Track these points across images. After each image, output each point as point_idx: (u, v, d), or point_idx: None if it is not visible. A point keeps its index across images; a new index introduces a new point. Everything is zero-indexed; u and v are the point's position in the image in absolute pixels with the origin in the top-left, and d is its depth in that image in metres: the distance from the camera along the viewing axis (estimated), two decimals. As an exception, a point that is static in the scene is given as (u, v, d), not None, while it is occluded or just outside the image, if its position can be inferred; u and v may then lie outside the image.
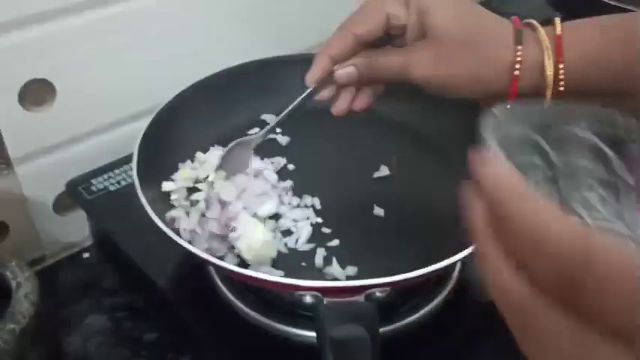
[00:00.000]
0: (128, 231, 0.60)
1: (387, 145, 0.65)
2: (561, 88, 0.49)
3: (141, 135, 0.57)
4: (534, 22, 0.51)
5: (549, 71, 0.49)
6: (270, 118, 0.66)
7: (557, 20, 0.50)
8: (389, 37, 0.53)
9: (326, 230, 0.56)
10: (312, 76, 0.53)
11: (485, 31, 0.51)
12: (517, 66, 0.49)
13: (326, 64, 0.53)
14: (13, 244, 0.66)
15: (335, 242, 0.54)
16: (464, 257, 0.47)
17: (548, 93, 0.49)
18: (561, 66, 0.49)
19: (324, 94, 0.54)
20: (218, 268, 0.52)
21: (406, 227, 0.56)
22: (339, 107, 0.55)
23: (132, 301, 0.65)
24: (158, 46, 0.68)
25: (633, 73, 0.49)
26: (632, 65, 0.49)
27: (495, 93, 0.51)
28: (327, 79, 0.53)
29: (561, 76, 0.49)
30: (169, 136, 0.61)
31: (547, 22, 0.51)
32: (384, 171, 0.62)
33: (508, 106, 0.47)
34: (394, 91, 0.67)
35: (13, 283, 0.56)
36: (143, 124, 0.58)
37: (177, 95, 0.61)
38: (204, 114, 0.64)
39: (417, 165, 0.63)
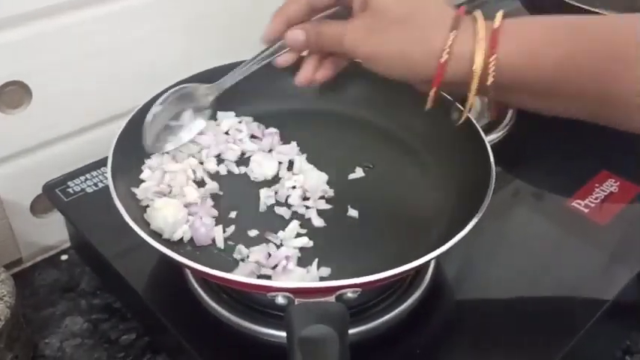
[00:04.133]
0: (105, 233, 0.60)
1: (362, 147, 0.65)
2: (489, 83, 0.49)
3: (116, 137, 0.57)
4: (479, 14, 0.50)
5: (477, 62, 0.49)
6: (248, 120, 0.66)
7: (499, 14, 0.49)
8: (345, 9, 0.55)
9: (301, 231, 0.56)
10: (266, 36, 0.57)
11: (422, 13, 0.51)
12: (445, 52, 0.49)
13: (280, 26, 0.56)
14: (-11, 246, 0.66)
15: (309, 243, 0.55)
16: (435, 257, 0.48)
17: (474, 84, 0.49)
18: (492, 58, 0.48)
19: (283, 59, 0.57)
20: (192, 270, 0.52)
21: (380, 228, 0.57)
22: (301, 76, 0.57)
23: (109, 303, 0.65)
24: (134, 49, 0.68)
25: (565, 76, 0.49)
26: (565, 68, 0.48)
27: (424, 77, 0.51)
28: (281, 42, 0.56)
29: (491, 69, 0.49)
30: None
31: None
32: (358, 173, 0.62)
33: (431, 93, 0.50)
34: (369, 94, 0.68)
35: (-12, 286, 0.56)
36: (119, 126, 0.58)
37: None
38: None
39: (391, 167, 0.63)
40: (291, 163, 0.62)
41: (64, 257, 0.70)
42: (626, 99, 0.48)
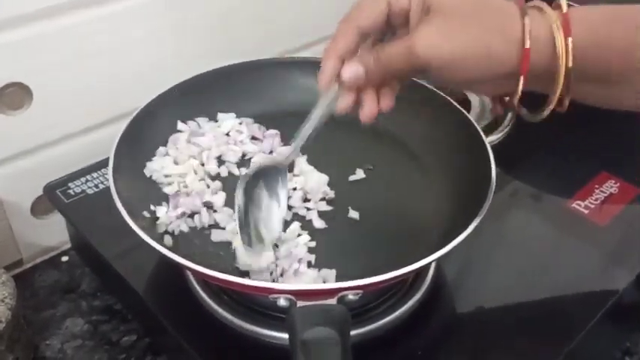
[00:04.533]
0: (106, 234, 0.60)
1: (362, 149, 0.65)
2: (570, 64, 0.48)
3: (118, 138, 0.57)
4: (538, 2, 0.50)
5: (559, 44, 0.47)
6: (248, 121, 0.66)
7: (564, 1, 0.49)
8: (392, 29, 0.51)
9: (301, 232, 0.56)
10: (324, 79, 0.50)
11: (490, 5, 0.49)
12: (527, 37, 0.47)
13: (335, 63, 0.50)
14: (-10, 247, 0.66)
15: (311, 244, 0.55)
16: (436, 259, 0.48)
17: (562, 64, 0.48)
18: (570, 39, 0.47)
19: (343, 103, 0.51)
20: (193, 271, 0.52)
21: (381, 230, 0.57)
22: (367, 112, 0.52)
23: (110, 305, 0.65)
24: (135, 49, 0.68)
25: (632, 61, 0.48)
26: (632, 52, 0.48)
27: (505, 70, 0.49)
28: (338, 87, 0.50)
29: (570, 50, 0.47)
30: (146, 139, 0.61)
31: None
32: (359, 174, 0.62)
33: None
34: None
35: (-10, 288, 0.56)
36: (120, 127, 0.58)
37: (155, 98, 0.61)
38: (182, 117, 0.65)
39: (391, 169, 0.64)
40: (291, 165, 0.62)
41: (64, 258, 0.70)
42: None
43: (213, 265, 0.52)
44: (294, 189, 0.59)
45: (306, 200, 0.59)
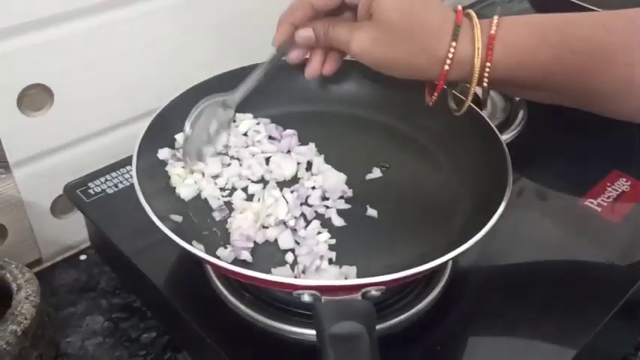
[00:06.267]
0: (126, 233, 0.61)
1: (378, 147, 0.66)
2: (485, 83, 0.55)
3: (140, 138, 0.58)
4: (474, 17, 0.55)
5: (477, 69, 0.54)
6: (265, 122, 0.67)
7: (495, 19, 0.54)
8: (350, 10, 0.60)
9: (321, 230, 0.57)
10: (276, 40, 0.61)
11: (425, 24, 0.55)
12: (448, 61, 0.54)
13: (288, 29, 0.60)
14: (11, 247, 0.67)
15: (332, 241, 0.55)
16: (457, 255, 0.48)
17: (473, 85, 0.55)
18: (488, 64, 0.54)
19: (293, 55, 0.62)
20: (214, 267, 0.53)
21: (399, 227, 0.58)
22: (310, 70, 0.63)
23: (129, 302, 0.66)
24: (154, 51, 0.69)
25: (552, 75, 0.55)
26: (552, 68, 0.54)
27: (427, 79, 0.58)
28: (291, 43, 0.61)
29: (486, 73, 0.54)
30: (168, 139, 0.62)
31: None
32: (376, 173, 0.63)
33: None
34: (383, 95, 0.69)
35: (14, 285, 0.57)
36: (139, 127, 0.59)
37: (175, 98, 0.62)
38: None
39: (407, 166, 0.64)
40: (309, 164, 0.63)
41: (82, 257, 0.71)
42: (612, 92, 0.54)
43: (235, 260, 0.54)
44: (313, 187, 0.60)
45: (324, 199, 0.59)
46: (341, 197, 0.60)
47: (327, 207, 0.59)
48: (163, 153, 0.61)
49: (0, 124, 0.61)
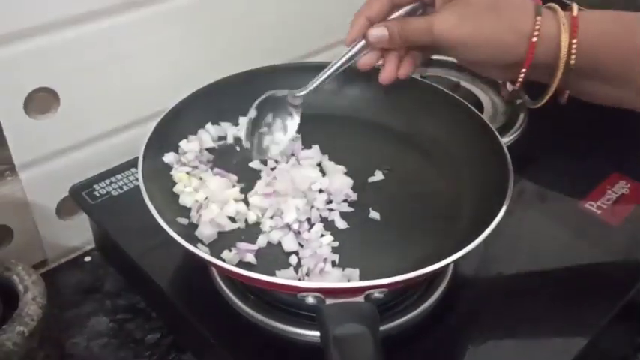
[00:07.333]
0: (131, 234, 0.62)
1: (380, 150, 0.67)
2: (572, 62, 0.54)
3: (146, 140, 0.58)
4: (553, 4, 0.56)
5: (564, 44, 0.54)
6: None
7: (575, 5, 0.55)
8: (423, 7, 0.59)
9: (325, 232, 0.57)
10: (350, 37, 0.59)
11: (507, 1, 0.55)
12: (535, 34, 0.54)
13: (363, 24, 0.58)
14: (16, 248, 0.67)
15: (335, 244, 0.56)
16: (459, 258, 0.49)
17: (562, 63, 0.54)
18: (574, 41, 0.53)
19: (366, 60, 0.60)
20: (219, 269, 0.54)
21: (401, 230, 0.58)
22: (386, 74, 0.60)
23: (133, 304, 0.66)
24: (159, 54, 0.69)
25: (634, 64, 0.54)
26: (634, 56, 0.54)
27: (512, 59, 0.55)
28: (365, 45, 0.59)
29: (573, 51, 0.54)
30: (173, 141, 0.63)
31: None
32: (378, 176, 0.63)
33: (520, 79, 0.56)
34: (383, 98, 0.69)
35: (20, 287, 0.57)
36: (145, 130, 0.60)
37: (182, 101, 0.63)
38: (208, 119, 0.66)
39: (409, 170, 0.65)
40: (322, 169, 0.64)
41: (87, 259, 0.72)
42: None
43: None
44: (320, 191, 0.61)
45: (328, 202, 0.60)
46: (344, 201, 0.60)
47: (331, 210, 0.59)
48: (169, 157, 0.61)
49: (7, 126, 0.61)
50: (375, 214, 0.59)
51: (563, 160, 0.73)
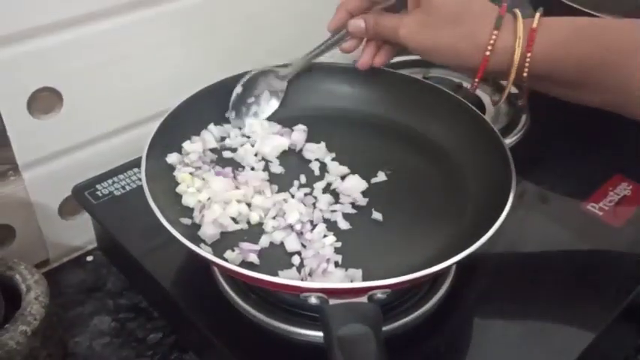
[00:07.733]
0: (133, 234, 0.62)
1: (382, 151, 0.67)
2: (525, 74, 0.58)
3: (149, 140, 0.58)
4: (519, 13, 0.58)
5: (516, 57, 0.57)
6: (273, 124, 0.68)
7: (538, 14, 0.57)
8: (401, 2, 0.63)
9: (327, 233, 0.57)
10: (331, 24, 0.65)
11: (470, 12, 0.59)
12: (489, 47, 0.58)
13: (343, 16, 0.64)
14: (19, 247, 0.67)
15: (338, 244, 0.56)
16: (461, 259, 0.49)
17: (512, 76, 0.58)
18: (528, 55, 0.57)
19: (346, 45, 0.65)
20: (222, 269, 0.54)
21: (403, 231, 0.58)
22: (362, 61, 0.66)
23: (135, 303, 0.66)
24: (163, 54, 0.69)
25: (587, 70, 0.57)
26: (587, 64, 0.56)
27: (469, 67, 0.60)
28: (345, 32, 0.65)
29: (527, 64, 0.57)
30: (176, 142, 0.63)
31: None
32: (381, 177, 0.63)
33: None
34: (386, 98, 0.70)
35: (23, 286, 0.57)
36: (147, 130, 0.60)
37: (184, 101, 0.63)
38: (211, 120, 0.66)
39: (411, 170, 0.65)
40: (324, 165, 0.64)
41: (89, 258, 0.72)
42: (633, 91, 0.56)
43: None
44: (324, 191, 0.61)
45: (333, 203, 0.60)
46: (351, 202, 0.60)
47: (334, 211, 0.59)
48: (172, 158, 0.61)
49: (10, 126, 0.61)
50: (377, 215, 0.59)
51: (566, 161, 0.73)
